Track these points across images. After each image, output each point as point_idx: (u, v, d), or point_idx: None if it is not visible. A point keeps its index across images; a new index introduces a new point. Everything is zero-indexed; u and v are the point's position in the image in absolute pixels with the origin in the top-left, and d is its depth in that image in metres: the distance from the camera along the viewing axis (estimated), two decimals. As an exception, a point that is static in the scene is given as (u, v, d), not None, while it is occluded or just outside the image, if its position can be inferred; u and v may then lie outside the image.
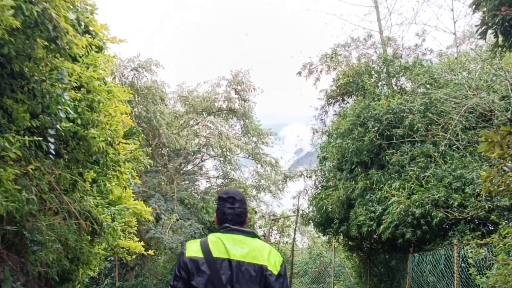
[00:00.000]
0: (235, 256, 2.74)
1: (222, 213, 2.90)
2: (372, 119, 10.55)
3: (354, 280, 13.98)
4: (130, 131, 7.10)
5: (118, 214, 7.05)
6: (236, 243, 2.79)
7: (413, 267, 9.72)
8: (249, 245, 2.80)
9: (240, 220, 2.89)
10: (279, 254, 2.86)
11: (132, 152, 8.02)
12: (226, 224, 2.85)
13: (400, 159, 10.07)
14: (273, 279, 2.75)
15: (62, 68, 4.63)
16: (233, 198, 2.92)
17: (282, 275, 2.81)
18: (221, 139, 18.04)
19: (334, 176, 11.43)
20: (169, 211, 16.89)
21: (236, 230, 2.83)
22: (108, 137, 5.92)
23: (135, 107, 17.70)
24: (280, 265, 2.82)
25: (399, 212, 9.11)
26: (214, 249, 2.75)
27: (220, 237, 2.80)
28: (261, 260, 2.76)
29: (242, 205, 2.94)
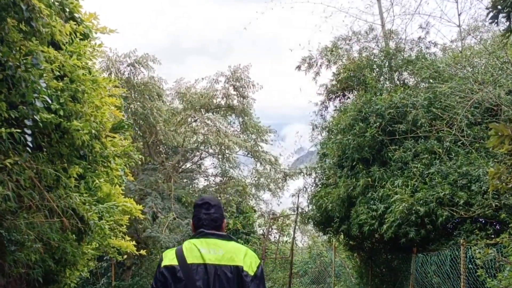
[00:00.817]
0: (211, 260, 2.75)
1: (198, 219, 2.92)
2: (373, 114, 10.18)
3: (355, 280, 13.60)
4: (119, 124, 6.73)
5: (106, 212, 6.68)
6: (211, 247, 2.80)
7: (417, 267, 9.34)
8: (224, 247, 2.81)
9: (215, 225, 2.91)
10: (256, 255, 2.89)
11: (124, 147, 7.67)
12: (201, 229, 2.87)
13: (403, 155, 9.70)
14: (248, 279, 2.75)
15: (38, 52, 4.25)
16: (208, 203, 2.94)
17: (258, 276, 2.80)
18: (219, 136, 17.67)
19: (335, 174, 11.05)
20: (166, 210, 16.54)
21: (210, 234, 2.85)
22: (93, 129, 5.55)
23: (131, 103, 17.36)
24: (256, 266, 2.82)
25: (402, 210, 8.73)
26: (188, 255, 2.76)
27: (194, 243, 2.82)
28: (237, 261, 2.77)
29: (218, 211, 2.96)
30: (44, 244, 5.64)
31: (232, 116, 20.44)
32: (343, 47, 12.46)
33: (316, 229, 12.44)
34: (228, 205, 19.21)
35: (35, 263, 5.70)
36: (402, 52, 11.72)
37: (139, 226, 16.16)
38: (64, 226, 5.68)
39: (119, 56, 17.31)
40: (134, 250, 8.38)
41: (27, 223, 5.20)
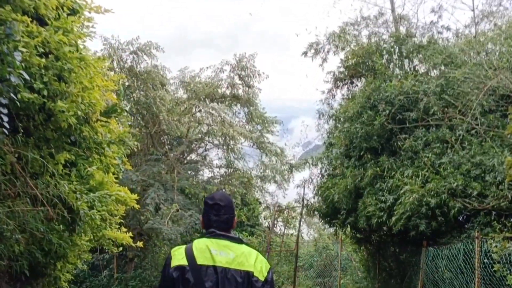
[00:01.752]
0: (221, 262, 2.71)
1: (208, 219, 2.87)
2: (383, 102, 9.73)
3: (361, 274, 13.21)
4: (111, 108, 6.31)
5: (99, 201, 6.29)
6: (222, 249, 2.75)
7: (427, 262, 8.91)
8: (235, 251, 2.76)
9: (226, 226, 2.84)
10: (266, 261, 2.85)
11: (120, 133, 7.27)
12: (212, 229, 2.82)
13: (413, 144, 9.24)
14: (259, 285, 2.72)
15: (12, 22, 3.83)
16: (219, 205, 2.86)
17: (268, 281, 2.77)
18: (223, 126, 17.23)
19: (341, 164, 10.61)
20: (169, 201, 16.16)
21: (222, 236, 2.79)
22: (80, 111, 5.14)
23: (134, 92, 16.97)
24: (267, 271, 2.79)
25: (412, 202, 8.30)
26: (198, 255, 2.72)
27: (205, 243, 2.77)
28: (247, 266, 2.73)
29: (229, 211, 2.88)
30: (29, 235, 5.26)
31: (238, 106, 19.99)
32: (352, 33, 11.97)
33: (322, 222, 12.00)
34: (232, 197, 18.81)
35: (20, 255, 5.33)
36: (413, 38, 11.23)
37: (141, 217, 15.82)
38: (49, 215, 5.29)
39: (122, 43, 16.90)
40: (131, 242, 8.01)
41: (7, 211, 4.81)
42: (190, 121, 18.20)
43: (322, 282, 16.00)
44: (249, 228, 21.33)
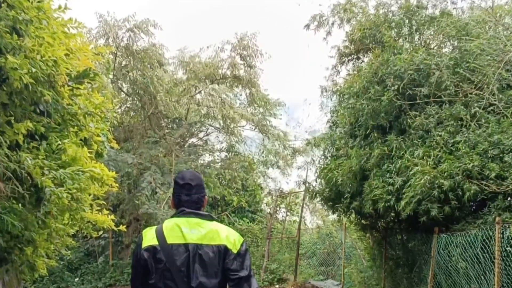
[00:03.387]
0: (192, 239, 2.72)
1: (178, 199, 2.88)
2: (391, 76, 8.93)
3: (367, 263, 12.47)
4: (84, 72, 5.56)
5: (71, 178, 5.55)
6: (193, 227, 2.76)
7: (439, 250, 8.16)
8: (206, 227, 2.78)
9: (197, 206, 2.87)
10: (239, 234, 2.87)
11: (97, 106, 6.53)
12: (182, 208, 2.84)
13: (424, 122, 8.45)
14: (231, 257, 2.72)
15: None
16: (190, 185, 2.86)
17: (241, 254, 2.77)
18: (223, 107, 16.46)
19: (346, 144, 9.83)
20: (166, 185, 15.46)
21: (192, 213, 2.82)
22: (38, 71, 4.39)
23: (130, 71, 16.21)
24: (240, 243, 2.79)
25: (423, 184, 7.51)
26: (169, 235, 2.72)
27: (176, 222, 2.79)
28: (219, 240, 2.74)
29: (199, 190, 2.90)
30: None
31: (239, 87, 19.23)
32: (358, 4, 11.09)
33: (324, 206, 11.24)
34: (233, 181, 18.13)
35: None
36: (425, 9, 10.37)
37: (137, 202, 15.15)
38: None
39: (118, 20, 16.13)
40: (112, 225, 7.27)
41: None
42: (190, 102, 17.43)
43: (325, 270, 15.31)
44: (250, 214, 20.64)
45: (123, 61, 16.80)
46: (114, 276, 16.82)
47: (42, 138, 5.92)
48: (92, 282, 16.72)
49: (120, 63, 16.80)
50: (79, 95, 6.30)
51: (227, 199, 18.29)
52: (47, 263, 8.40)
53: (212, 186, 16.45)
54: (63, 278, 17.05)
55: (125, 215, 17.87)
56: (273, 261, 16.36)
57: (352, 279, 12.85)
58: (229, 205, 19.68)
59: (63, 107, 6.18)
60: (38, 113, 5.68)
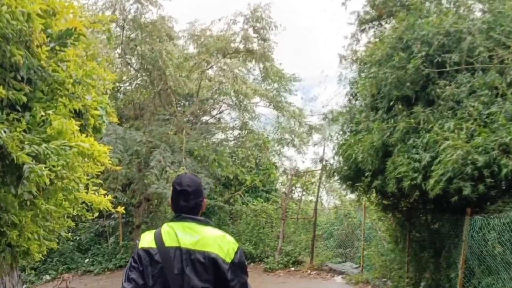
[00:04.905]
0: (185, 244, 2.74)
1: (176, 205, 2.92)
2: (418, 42, 8.06)
3: (388, 245, 11.73)
4: (66, 32, 4.83)
5: (55, 153, 4.86)
6: (187, 231, 2.79)
7: (472, 233, 7.37)
8: (200, 232, 2.80)
9: (194, 211, 2.89)
10: (234, 241, 2.86)
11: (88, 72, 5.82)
12: (179, 213, 2.86)
13: (455, 92, 7.59)
14: (226, 267, 2.74)
15: None
16: (187, 191, 2.87)
17: (235, 262, 2.78)
18: (236, 82, 15.65)
19: (367, 117, 9.00)
20: (176, 164, 14.78)
21: (188, 218, 2.84)
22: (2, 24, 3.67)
23: (138, 45, 15.49)
24: (234, 252, 2.81)
25: (455, 160, 6.71)
26: (166, 238, 2.76)
27: (172, 226, 2.82)
28: (211, 248, 2.75)
29: (197, 196, 2.91)
30: None
31: (252, 62, 18.38)
32: (380, -37, 10.13)
33: (343, 185, 10.46)
34: (246, 160, 17.43)
35: None
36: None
37: (146, 181, 14.52)
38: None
39: (125, -9, 15.38)
40: (110, 206, 6.60)
41: None
42: (201, 78, 16.68)
43: (343, 253, 14.64)
44: (264, 193, 19.97)
45: (131, 34, 16.09)
46: (124, 258, 16.37)
47: (25, 109, 5.26)
48: (102, 263, 16.30)
49: (128, 37, 16.09)
50: (67, 61, 5.60)
51: (240, 178, 17.61)
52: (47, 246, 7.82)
53: (225, 164, 15.77)
54: (73, 259, 16.66)
55: (135, 195, 17.35)
56: (288, 243, 15.72)
57: (372, 262, 12.14)
58: (242, 184, 19.02)
59: (49, 74, 5.49)
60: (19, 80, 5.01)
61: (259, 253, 16.08)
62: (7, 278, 6.78)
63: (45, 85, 5.56)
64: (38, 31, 4.27)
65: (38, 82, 5.46)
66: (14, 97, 4.80)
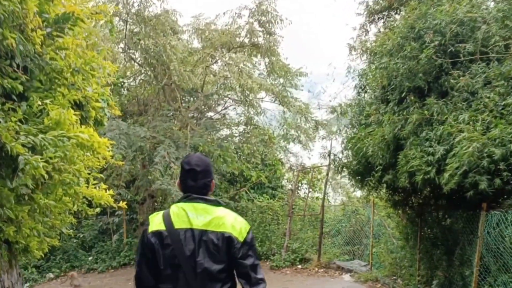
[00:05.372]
0: (198, 225, 2.70)
1: (184, 185, 2.87)
2: (430, 31, 7.78)
3: (398, 243, 11.44)
4: (63, 16, 4.57)
5: (53, 145, 4.61)
6: (199, 212, 2.75)
7: (488, 229, 7.08)
8: (212, 213, 2.76)
9: (203, 192, 2.84)
10: (245, 221, 2.84)
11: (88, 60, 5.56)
12: (189, 193, 2.82)
13: (470, 83, 7.30)
14: (238, 246, 2.71)
15: None
16: (195, 170, 2.82)
17: (247, 242, 2.76)
18: (241, 77, 15.37)
19: (377, 110, 8.72)
20: (181, 160, 14.51)
21: (198, 199, 2.79)
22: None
23: (142, 39, 15.23)
24: (246, 232, 2.77)
25: (471, 153, 6.42)
26: (176, 220, 2.73)
27: (182, 207, 2.78)
28: (223, 227, 2.72)
29: (206, 176, 2.85)
30: None
31: (257, 56, 18.09)
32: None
33: (352, 181, 10.17)
34: (252, 156, 17.17)
35: None
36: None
37: (150, 177, 14.27)
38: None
39: (128, -15, 15.12)
40: (112, 202, 6.34)
41: None
42: (205, 73, 16.41)
43: (351, 250, 14.34)
44: (270, 190, 19.70)
45: (135, 28, 15.85)
46: (128, 255, 16.14)
47: (21, 99, 5.01)
48: (106, 261, 16.07)
49: (131, 31, 15.84)
50: (65, 49, 5.34)
51: (246, 174, 17.35)
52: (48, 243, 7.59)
53: (230, 160, 15.50)
54: (77, 256, 16.44)
55: (140, 191, 17.11)
56: (295, 240, 15.44)
57: (382, 260, 11.85)
58: (248, 181, 18.75)
59: (46, 63, 5.24)
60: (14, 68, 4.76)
61: (265, 250, 15.82)
62: (6, 276, 6.55)
63: (43, 74, 5.32)
64: (32, 13, 4.01)
65: (36, 70, 5.22)
66: (9, 86, 4.55)
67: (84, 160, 6.04)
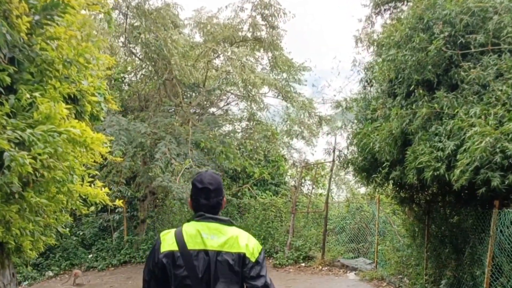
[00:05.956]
0: (212, 246, 2.67)
1: (196, 204, 2.84)
2: (440, 22, 7.46)
3: (404, 240, 11.16)
4: (52, 2, 4.29)
5: (43, 140, 4.34)
6: (213, 233, 2.72)
7: (501, 227, 6.79)
8: (226, 233, 2.73)
9: (215, 210, 2.82)
10: (257, 241, 2.82)
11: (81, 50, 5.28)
12: (201, 212, 2.78)
13: (481, 75, 6.98)
14: (250, 265, 2.69)
15: None
16: (208, 189, 2.79)
17: (259, 262, 2.75)
18: (243, 71, 15.07)
19: (384, 104, 8.42)
20: (182, 156, 14.25)
21: (211, 219, 2.76)
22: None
23: (142, 33, 14.93)
24: (258, 252, 2.78)
25: (483, 148, 6.13)
26: (189, 240, 2.68)
27: (196, 227, 2.74)
28: (238, 248, 2.70)
29: (218, 194, 2.83)
30: None
31: (260, 51, 17.78)
32: None
33: (357, 178, 9.86)
34: (254, 152, 16.90)
35: None
36: None
37: (150, 174, 14.01)
38: None
39: (128, -23, 14.82)
40: (107, 200, 6.07)
41: None
42: (207, 67, 16.12)
43: (356, 247, 14.05)
44: (273, 186, 19.42)
45: (135, 22, 15.55)
46: (129, 253, 15.91)
47: (9, 92, 4.74)
48: (106, 259, 15.83)
49: (131, 25, 15.54)
50: (57, 38, 5.07)
51: (248, 170, 17.06)
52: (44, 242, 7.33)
53: (232, 157, 15.23)
54: (77, 254, 16.21)
55: (140, 188, 16.88)
56: (298, 237, 15.16)
57: (387, 258, 11.56)
58: (250, 177, 18.47)
59: (36, 53, 4.97)
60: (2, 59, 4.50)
61: (268, 248, 15.55)
62: (-2, 277, 6.31)
63: (33, 66, 5.05)
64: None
65: (25, 62, 4.95)
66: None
67: (78, 156, 5.78)
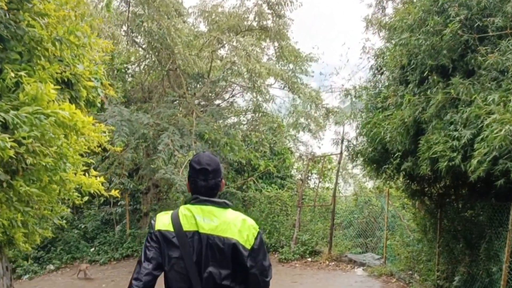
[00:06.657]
0: (204, 229, 2.64)
1: (194, 185, 2.78)
2: (455, 4, 7.04)
3: (414, 235, 10.77)
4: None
5: (28, 123, 3.99)
6: (206, 215, 2.68)
7: (521, 222, 6.40)
8: (220, 217, 2.69)
9: (213, 191, 2.78)
10: (254, 225, 2.75)
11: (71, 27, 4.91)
12: (197, 195, 2.75)
13: (499, 60, 6.54)
14: (246, 254, 2.63)
15: None
16: (206, 170, 2.74)
17: (256, 249, 2.67)
18: (249, 61, 14.68)
19: (395, 92, 8.02)
20: (186, 148, 13.91)
21: (207, 201, 2.72)
22: None
23: (145, 21, 14.57)
24: (254, 237, 2.69)
25: (503, 137, 5.72)
26: (184, 222, 2.66)
27: (190, 209, 2.71)
28: (230, 233, 2.65)
29: (216, 175, 2.78)
30: None
31: (266, 40, 17.39)
32: None
33: (367, 169, 9.45)
34: (260, 144, 16.54)
35: None
36: None
37: (152, 166, 13.67)
38: None
39: (130, -36, 14.47)
40: (102, 189, 5.74)
41: None
42: (212, 57, 15.73)
43: (364, 242, 13.68)
44: (279, 180, 19.05)
45: (137, 10, 15.19)
46: (131, 246, 15.61)
47: (-5, 71, 4.40)
48: (109, 252, 15.54)
49: (134, 13, 15.18)
50: (46, 15, 4.72)
51: (254, 163, 16.69)
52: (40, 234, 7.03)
53: (237, 149, 14.87)
54: (78, 247, 15.93)
55: (143, 181, 16.57)
56: (304, 232, 14.80)
57: (397, 253, 11.18)
58: (256, 170, 18.10)
59: (24, 30, 4.62)
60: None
61: (274, 242, 15.21)
62: (-11, 270, 6.02)
63: (21, 44, 4.70)
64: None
65: (12, 40, 4.61)
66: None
67: (71, 143, 5.44)
